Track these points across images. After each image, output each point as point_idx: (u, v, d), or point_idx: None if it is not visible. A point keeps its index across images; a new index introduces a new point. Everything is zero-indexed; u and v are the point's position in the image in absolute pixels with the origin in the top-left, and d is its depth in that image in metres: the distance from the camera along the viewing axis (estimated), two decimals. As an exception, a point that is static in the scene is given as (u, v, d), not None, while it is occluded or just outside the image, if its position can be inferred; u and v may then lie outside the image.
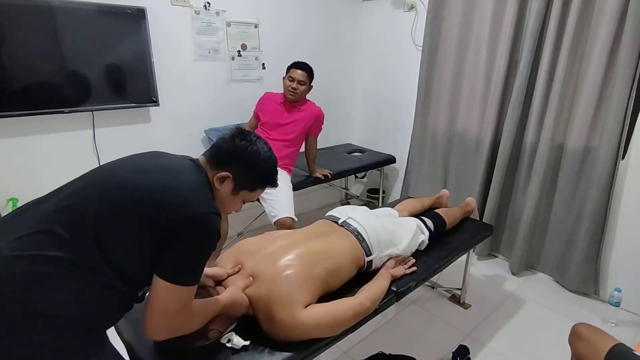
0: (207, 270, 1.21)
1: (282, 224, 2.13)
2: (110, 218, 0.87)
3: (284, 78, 2.39)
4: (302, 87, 2.34)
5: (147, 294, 0.94)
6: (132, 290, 0.95)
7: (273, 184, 1.12)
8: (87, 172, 0.99)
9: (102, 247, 0.86)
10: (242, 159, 1.04)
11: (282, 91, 2.42)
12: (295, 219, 2.19)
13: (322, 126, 2.53)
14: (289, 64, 2.40)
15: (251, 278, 1.20)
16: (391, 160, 3.26)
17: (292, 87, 2.33)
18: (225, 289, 1.21)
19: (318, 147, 2.61)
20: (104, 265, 0.86)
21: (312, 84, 2.43)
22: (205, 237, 0.93)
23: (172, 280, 0.89)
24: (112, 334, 1.20)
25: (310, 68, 2.39)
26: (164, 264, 0.90)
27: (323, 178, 2.64)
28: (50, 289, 0.81)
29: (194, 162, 1.04)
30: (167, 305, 0.91)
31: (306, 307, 1.18)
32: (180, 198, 0.91)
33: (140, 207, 0.89)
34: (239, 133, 1.07)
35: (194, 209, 0.91)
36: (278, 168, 1.15)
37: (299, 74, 2.33)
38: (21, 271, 0.80)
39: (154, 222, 0.87)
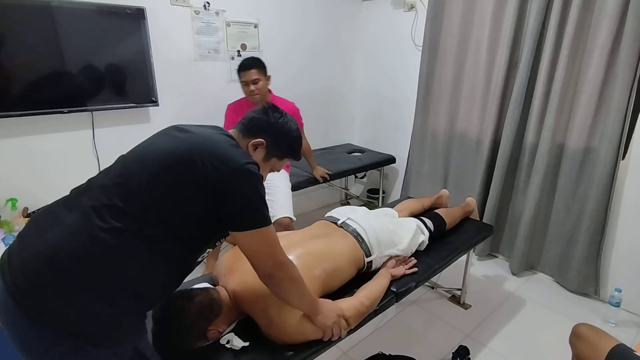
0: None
1: (281, 224, 2.12)
2: (163, 182, 0.91)
3: (241, 84, 2.23)
4: (260, 84, 2.18)
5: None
6: (188, 255, 0.98)
7: (297, 156, 1.20)
8: (128, 152, 1.03)
9: (160, 214, 0.89)
10: (275, 128, 1.11)
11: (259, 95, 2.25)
12: (294, 218, 2.19)
13: (302, 120, 2.39)
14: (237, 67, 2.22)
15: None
16: (391, 160, 3.25)
17: (251, 91, 2.18)
18: (225, 289, 1.21)
19: (318, 147, 2.60)
20: (164, 233, 0.90)
21: (268, 74, 2.24)
22: (256, 182, 0.97)
23: (251, 227, 0.95)
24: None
25: (258, 60, 2.20)
26: (233, 218, 0.95)
27: (322, 181, 2.62)
28: (116, 260, 0.85)
29: (221, 129, 1.09)
30: (258, 248, 0.99)
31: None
32: (220, 153, 0.95)
33: (185, 168, 0.91)
34: (270, 107, 1.15)
35: (239, 160, 0.95)
36: None
37: (250, 74, 2.16)
38: (90, 244, 0.84)
39: (201, 180, 0.90)
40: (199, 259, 1.04)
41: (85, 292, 0.82)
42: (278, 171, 1.20)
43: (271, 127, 1.11)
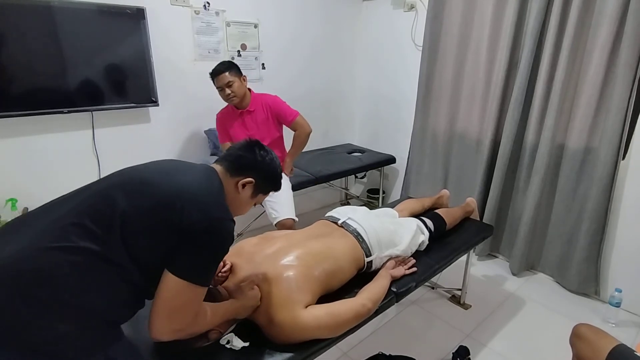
0: None
1: (284, 225, 2.13)
2: (136, 218, 0.92)
3: (218, 91, 2.21)
4: (235, 86, 2.15)
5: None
6: (149, 286, 0.98)
7: (279, 187, 1.25)
8: (113, 173, 1.04)
9: (128, 244, 0.90)
10: (264, 167, 1.16)
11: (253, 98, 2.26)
12: (296, 219, 2.19)
13: (288, 106, 2.31)
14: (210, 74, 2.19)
15: (259, 276, 1.23)
16: (391, 160, 3.26)
17: (227, 95, 2.16)
18: (226, 290, 1.21)
19: (318, 147, 2.58)
20: (129, 262, 0.91)
21: (243, 75, 2.21)
22: (222, 242, 0.99)
23: (186, 278, 0.93)
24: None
25: (228, 63, 2.18)
26: (179, 261, 0.93)
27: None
28: (79, 280, 0.85)
29: (210, 168, 1.11)
30: (176, 302, 0.93)
31: (306, 307, 1.18)
32: (202, 202, 0.98)
33: (164, 209, 0.94)
34: (256, 144, 1.18)
35: (215, 214, 0.98)
36: None
37: (222, 78, 2.13)
38: (53, 261, 0.84)
39: (176, 223, 0.92)
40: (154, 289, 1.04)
41: (47, 308, 0.82)
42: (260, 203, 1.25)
43: (259, 166, 1.15)
